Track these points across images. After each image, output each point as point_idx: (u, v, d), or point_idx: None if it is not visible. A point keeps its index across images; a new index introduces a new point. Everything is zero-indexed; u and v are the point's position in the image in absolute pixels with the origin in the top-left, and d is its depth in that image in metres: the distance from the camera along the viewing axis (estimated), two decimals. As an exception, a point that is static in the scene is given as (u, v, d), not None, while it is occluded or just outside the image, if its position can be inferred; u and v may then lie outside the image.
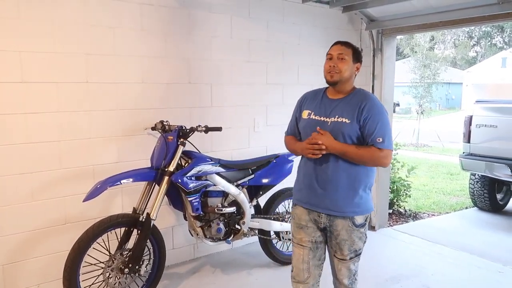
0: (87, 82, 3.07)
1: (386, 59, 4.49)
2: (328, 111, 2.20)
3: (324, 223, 2.20)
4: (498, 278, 3.55)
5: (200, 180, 3.07)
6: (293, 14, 4.18)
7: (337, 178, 2.14)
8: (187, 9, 3.49)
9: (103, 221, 2.75)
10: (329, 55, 2.25)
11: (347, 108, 2.15)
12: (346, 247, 2.18)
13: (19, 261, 2.94)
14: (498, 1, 3.39)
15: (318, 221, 2.21)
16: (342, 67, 2.18)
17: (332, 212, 2.16)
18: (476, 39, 38.23)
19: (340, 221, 2.16)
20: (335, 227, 2.18)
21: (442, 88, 18.39)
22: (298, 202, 2.31)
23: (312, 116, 2.24)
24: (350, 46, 2.25)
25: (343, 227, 2.16)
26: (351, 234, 2.17)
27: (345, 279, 2.25)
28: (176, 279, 3.45)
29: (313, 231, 2.25)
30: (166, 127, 3.18)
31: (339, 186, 2.14)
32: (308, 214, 2.24)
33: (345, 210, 2.15)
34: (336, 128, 2.12)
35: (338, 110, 2.17)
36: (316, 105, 2.26)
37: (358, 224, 2.17)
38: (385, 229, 4.71)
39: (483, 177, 5.48)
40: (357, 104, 2.14)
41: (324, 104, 2.23)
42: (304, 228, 2.26)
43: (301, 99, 2.40)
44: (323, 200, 2.17)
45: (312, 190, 2.21)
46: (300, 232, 2.27)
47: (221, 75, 3.78)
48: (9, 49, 2.75)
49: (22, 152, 2.86)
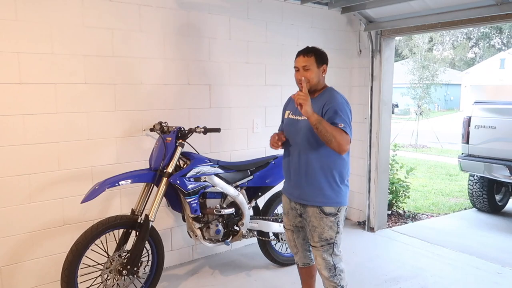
0: (86, 83, 3.07)
1: (384, 60, 4.49)
2: (298, 110, 2.39)
3: (299, 210, 2.51)
4: (497, 279, 3.55)
5: (198, 181, 3.06)
6: (291, 15, 4.18)
7: (302, 169, 2.41)
8: (186, 11, 3.49)
9: (102, 222, 2.74)
10: (296, 68, 2.46)
11: (314, 105, 2.34)
12: (316, 234, 2.42)
13: (17, 263, 2.93)
14: (496, 2, 3.39)
15: (296, 208, 2.53)
16: (309, 77, 2.40)
17: (302, 201, 2.45)
18: (475, 40, 38.34)
19: (310, 209, 2.43)
20: (307, 214, 2.46)
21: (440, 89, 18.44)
22: (283, 191, 2.68)
23: (291, 115, 2.55)
24: (312, 53, 2.44)
25: (313, 214, 2.42)
26: (320, 222, 2.39)
27: (323, 270, 2.45)
28: (175, 280, 3.44)
29: (294, 218, 2.60)
30: (165, 128, 3.18)
31: (304, 176, 2.41)
32: (289, 202, 2.58)
33: (314, 199, 2.40)
34: (305, 124, 2.37)
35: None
36: (294, 106, 2.45)
37: (328, 213, 2.39)
38: (384, 230, 4.71)
39: (482, 178, 5.49)
40: (323, 101, 2.39)
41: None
42: (287, 214, 2.64)
43: (286, 101, 2.70)
44: (296, 190, 2.48)
45: (289, 181, 2.54)
46: (285, 217, 2.67)
47: (220, 76, 3.78)
48: (7, 50, 2.74)
49: (20, 153, 2.85)
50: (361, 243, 4.34)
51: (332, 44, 4.57)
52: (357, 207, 4.90)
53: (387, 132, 4.67)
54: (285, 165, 2.57)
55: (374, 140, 4.58)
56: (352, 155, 4.82)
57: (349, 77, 4.79)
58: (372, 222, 4.66)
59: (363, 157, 4.71)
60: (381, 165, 4.61)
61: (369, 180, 4.65)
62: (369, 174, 4.64)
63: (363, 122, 4.68)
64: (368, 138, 4.59)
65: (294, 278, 2.85)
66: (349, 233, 4.59)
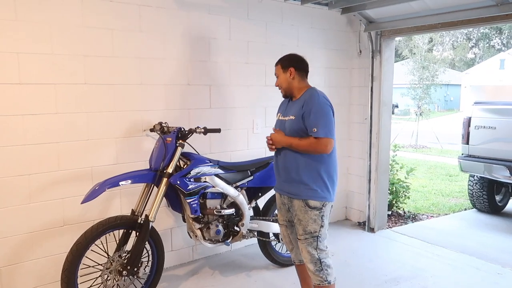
0: (85, 84, 3.07)
1: (384, 60, 4.49)
2: (286, 111, 2.65)
3: (288, 204, 2.64)
4: (497, 279, 3.55)
5: (199, 181, 3.06)
6: (291, 15, 4.18)
7: (289, 166, 2.55)
8: (185, 11, 3.49)
9: (102, 223, 2.73)
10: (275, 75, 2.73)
11: (295, 107, 2.57)
12: (301, 227, 2.53)
13: (16, 263, 2.93)
14: (496, 2, 3.39)
15: (285, 203, 2.66)
16: (280, 83, 2.67)
17: (290, 194, 2.58)
18: (475, 41, 38.35)
19: (296, 202, 2.54)
20: (293, 208, 2.58)
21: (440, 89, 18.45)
22: (274, 187, 2.79)
23: (280, 117, 2.72)
24: (278, 62, 2.70)
25: (298, 207, 2.53)
26: (304, 215, 2.51)
27: (309, 263, 2.54)
28: (175, 281, 3.44)
29: (285, 212, 2.72)
30: (165, 129, 3.18)
31: (290, 172, 2.55)
32: (280, 197, 2.71)
33: (299, 193, 2.52)
34: (288, 125, 2.56)
35: (290, 110, 2.61)
36: (283, 108, 2.73)
37: (312, 206, 2.50)
38: (384, 231, 4.71)
39: (482, 179, 5.49)
40: (301, 103, 2.53)
41: (287, 106, 2.68)
42: (279, 210, 2.77)
43: (280, 104, 2.83)
44: (283, 184, 2.62)
45: (279, 177, 2.68)
46: (278, 213, 2.80)
47: (220, 77, 3.78)
48: (7, 50, 2.74)
49: (20, 153, 2.85)
50: (361, 243, 4.33)
51: (332, 44, 4.57)
52: (357, 208, 4.90)
53: (387, 133, 4.67)
54: (275, 162, 2.70)
55: (374, 141, 4.58)
56: (352, 156, 4.83)
57: (349, 78, 4.79)
58: (372, 222, 4.65)
59: (363, 158, 4.70)
60: (381, 165, 4.60)
61: (369, 180, 4.64)
62: (369, 175, 4.64)
63: (363, 123, 4.68)
64: (368, 138, 4.59)
65: (294, 279, 2.85)
66: (349, 233, 4.59)
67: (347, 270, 3.63)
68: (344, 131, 4.83)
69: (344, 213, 5.05)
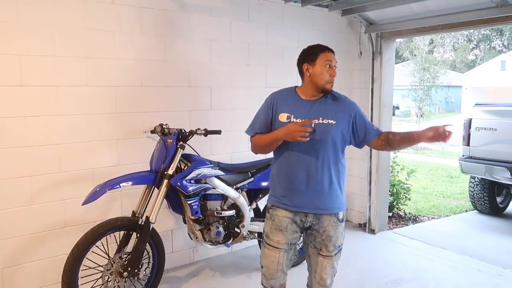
0: (87, 85, 3.08)
1: (385, 62, 4.49)
2: (309, 113, 2.19)
3: (310, 222, 2.24)
4: (498, 281, 3.54)
5: (199, 183, 3.06)
6: (292, 17, 4.19)
7: (323, 177, 2.18)
8: (186, 13, 3.50)
9: (102, 224, 2.74)
10: (329, 61, 2.23)
11: (331, 109, 2.22)
12: (331, 243, 2.23)
13: (18, 264, 2.93)
14: (496, 4, 3.40)
15: (305, 220, 2.24)
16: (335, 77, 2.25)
17: (320, 211, 2.21)
18: (475, 42, 38.34)
19: (327, 217, 2.22)
20: (321, 224, 2.22)
21: (441, 91, 18.43)
22: (283, 205, 2.25)
23: (294, 119, 2.18)
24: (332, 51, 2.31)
25: (329, 223, 2.22)
26: (336, 230, 2.23)
27: (328, 278, 2.27)
28: (175, 282, 3.44)
29: (291, 233, 2.26)
30: (166, 130, 3.18)
31: (325, 184, 2.18)
32: (293, 216, 2.24)
33: (332, 207, 2.22)
34: (322, 130, 2.15)
35: (320, 112, 2.19)
36: (294, 108, 2.22)
37: (341, 219, 2.28)
38: (384, 232, 4.70)
39: (483, 180, 5.48)
40: (339, 104, 2.26)
41: (303, 106, 2.22)
42: (283, 231, 2.25)
43: (271, 99, 2.32)
44: (311, 201, 2.19)
45: (299, 192, 2.20)
46: (278, 235, 2.25)
47: (221, 79, 3.78)
48: (9, 52, 2.75)
49: (21, 155, 2.86)
50: (362, 245, 4.33)
51: (332, 46, 4.49)
52: (358, 209, 4.90)
53: (388, 134, 4.66)
54: (291, 173, 2.21)
55: (374, 142, 4.57)
56: (353, 157, 4.83)
57: (349, 79, 4.79)
58: (373, 224, 4.65)
59: (363, 159, 4.70)
60: (381, 167, 4.60)
61: (369, 182, 4.64)
62: (369, 176, 4.64)
63: (363, 124, 4.68)
64: (369, 140, 4.59)
65: (294, 281, 2.84)
66: (350, 235, 4.59)
67: (348, 272, 3.63)
68: (344, 132, 4.82)
69: (344, 214, 5.04)
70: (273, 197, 2.31)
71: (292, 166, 2.20)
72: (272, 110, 2.27)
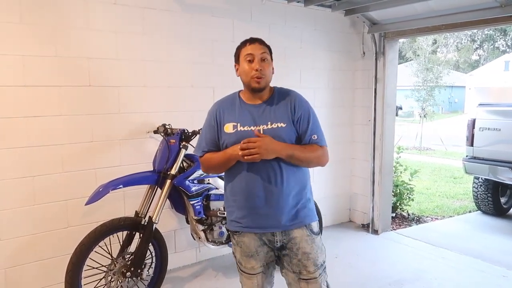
0: (89, 86, 3.08)
1: (388, 62, 4.48)
2: (256, 118, 1.92)
3: (280, 241, 1.96)
4: (502, 282, 3.52)
5: (202, 183, 3.07)
6: (295, 17, 4.19)
7: (284, 188, 1.89)
8: (189, 13, 3.51)
9: (105, 224, 2.75)
10: (249, 56, 1.94)
11: (278, 111, 1.93)
12: (310, 262, 1.94)
13: (21, 264, 2.94)
14: (500, 4, 3.38)
15: (273, 240, 1.96)
16: (266, 69, 1.93)
17: (288, 226, 1.92)
18: (479, 42, 38.21)
19: (297, 231, 1.94)
20: (293, 241, 1.94)
21: (445, 91, 18.37)
22: (245, 228, 1.96)
23: (240, 127, 1.92)
24: (264, 44, 2.01)
25: (302, 238, 1.94)
26: (312, 245, 1.95)
27: None
28: (178, 282, 3.44)
29: (264, 255, 2.01)
30: (169, 131, 3.18)
31: (290, 195, 1.91)
32: (260, 238, 1.97)
33: (300, 219, 1.94)
34: (273, 135, 1.86)
35: (268, 116, 1.92)
36: (238, 115, 1.96)
37: (316, 231, 1.99)
38: (388, 233, 4.69)
39: (487, 181, 5.45)
40: (286, 105, 1.95)
41: (248, 112, 1.95)
42: (254, 256, 1.99)
43: (215, 110, 2.05)
44: (275, 218, 1.90)
45: (261, 211, 1.90)
46: (250, 261, 2.01)
47: (223, 79, 3.78)
48: (12, 53, 2.77)
49: (24, 155, 2.87)
50: (365, 245, 4.32)
51: (335, 46, 4.57)
52: (361, 210, 4.89)
53: (391, 135, 4.66)
54: (247, 191, 1.90)
55: (378, 143, 4.57)
56: (356, 158, 4.83)
57: (352, 79, 4.78)
58: (376, 224, 4.64)
59: (367, 160, 4.69)
60: (385, 167, 4.59)
61: (373, 182, 4.63)
62: (373, 177, 4.62)
63: (367, 125, 4.67)
64: (372, 140, 4.58)
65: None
66: (353, 235, 4.58)
67: (351, 272, 3.62)
68: (347, 133, 4.82)
69: (348, 215, 5.04)
70: (233, 222, 2.00)
71: (247, 182, 1.90)
72: (217, 122, 2.00)
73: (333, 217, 4.83)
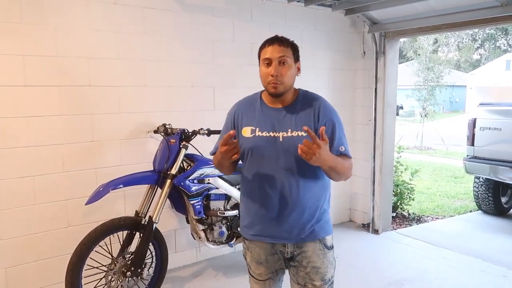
0: (90, 86, 3.08)
1: (389, 61, 4.48)
2: (275, 124, 1.81)
3: (291, 252, 1.86)
4: (502, 282, 3.52)
5: (202, 183, 3.07)
6: (295, 17, 4.18)
7: (303, 199, 1.79)
8: (189, 13, 3.51)
9: (106, 224, 2.75)
10: (267, 60, 1.83)
11: (300, 118, 1.80)
12: (318, 276, 1.85)
13: (21, 264, 2.94)
14: (501, 3, 3.38)
15: (284, 251, 1.87)
16: (285, 74, 1.78)
17: (301, 239, 1.83)
18: (480, 41, 38.18)
19: (310, 245, 1.84)
20: (304, 254, 1.85)
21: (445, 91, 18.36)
22: (255, 237, 1.89)
23: (258, 133, 1.82)
24: (288, 44, 1.86)
25: (314, 251, 1.84)
26: (323, 259, 1.85)
27: None
28: (179, 282, 3.44)
29: (274, 263, 1.94)
30: (169, 130, 3.18)
31: (306, 207, 1.81)
32: (271, 247, 1.88)
33: (314, 232, 1.84)
34: (291, 143, 1.74)
35: (288, 122, 1.80)
36: (257, 119, 1.86)
37: (329, 245, 1.89)
38: (388, 233, 4.69)
39: (488, 180, 5.45)
40: (310, 112, 1.81)
41: (268, 116, 1.84)
42: (263, 263, 1.93)
43: (233, 113, 1.98)
44: (289, 229, 1.81)
45: (273, 221, 1.82)
46: (259, 267, 1.95)
47: (224, 79, 3.79)
48: (12, 53, 2.77)
49: (24, 155, 2.87)
50: (365, 245, 4.32)
51: (336, 45, 4.57)
52: (362, 209, 4.88)
53: (392, 134, 4.65)
54: (261, 200, 1.83)
55: (378, 142, 4.56)
56: (356, 157, 4.82)
57: (353, 79, 4.78)
58: (377, 224, 4.64)
59: (367, 159, 4.69)
60: (385, 167, 4.59)
61: (373, 182, 4.63)
62: (373, 176, 4.62)
63: (367, 124, 4.67)
64: (373, 140, 4.58)
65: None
66: (354, 235, 4.58)
67: (351, 272, 3.62)
68: (348, 132, 4.76)
69: (348, 214, 5.04)
70: (245, 228, 1.93)
71: (262, 189, 1.82)
72: (234, 125, 1.92)
73: (334, 217, 4.80)
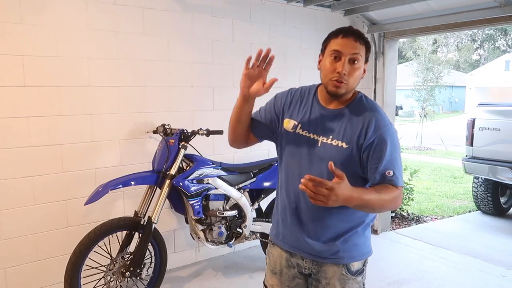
0: (90, 86, 3.09)
1: (388, 62, 4.48)
2: (319, 126, 1.60)
3: (309, 269, 1.66)
4: (501, 282, 3.53)
5: (201, 183, 3.07)
6: (294, 17, 4.19)
7: (329, 212, 1.55)
8: (189, 13, 3.51)
9: (105, 224, 2.75)
10: (336, 52, 1.53)
11: (347, 126, 1.55)
12: None
13: (20, 264, 2.94)
14: (500, 4, 3.39)
15: (302, 265, 1.67)
16: (352, 74, 1.51)
17: (321, 259, 1.62)
18: (479, 42, 38.23)
19: (331, 267, 1.61)
20: (323, 275, 1.63)
21: (445, 91, 18.36)
22: (276, 240, 1.74)
23: (299, 130, 1.64)
24: (364, 41, 1.56)
25: (335, 275, 1.61)
26: (345, 285, 1.61)
27: None
28: (178, 282, 3.44)
29: (289, 280, 1.72)
30: (168, 131, 3.18)
31: (331, 222, 1.59)
32: (289, 257, 1.70)
33: (339, 254, 1.60)
34: (328, 153, 1.54)
35: (332, 127, 1.58)
36: (304, 114, 1.65)
37: (355, 271, 1.63)
38: (387, 233, 4.69)
39: (487, 181, 5.46)
40: (360, 122, 1.54)
41: (316, 115, 1.63)
42: (277, 275, 1.73)
43: (284, 96, 1.80)
44: (308, 244, 1.61)
45: (294, 227, 1.64)
46: (273, 278, 1.75)
47: (223, 79, 3.79)
48: (12, 53, 2.77)
49: (24, 155, 2.87)
50: (364, 245, 4.32)
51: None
52: (361, 210, 4.88)
53: (391, 134, 4.65)
54: (286, 201, 1.67)
55: (377, 142, 4.56)
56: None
57: (352, 79, 4.78)
58: (376, 224, 4.64)
59: (366, 159, 4.69)
60: (384, 167, 4.59)
61: (372, 182, 4.63)
62: (372, 176, 4.62)
63: (366, 124, 4.67)
64: (372, 140, 4.58)
65: None
66: (353, 235, 4.58)
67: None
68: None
69: (347, 215, 5.03)
70: (272, 229, 1.80)
71: (289, 193, 1.66)
72: (279, 109, 1.77)
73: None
